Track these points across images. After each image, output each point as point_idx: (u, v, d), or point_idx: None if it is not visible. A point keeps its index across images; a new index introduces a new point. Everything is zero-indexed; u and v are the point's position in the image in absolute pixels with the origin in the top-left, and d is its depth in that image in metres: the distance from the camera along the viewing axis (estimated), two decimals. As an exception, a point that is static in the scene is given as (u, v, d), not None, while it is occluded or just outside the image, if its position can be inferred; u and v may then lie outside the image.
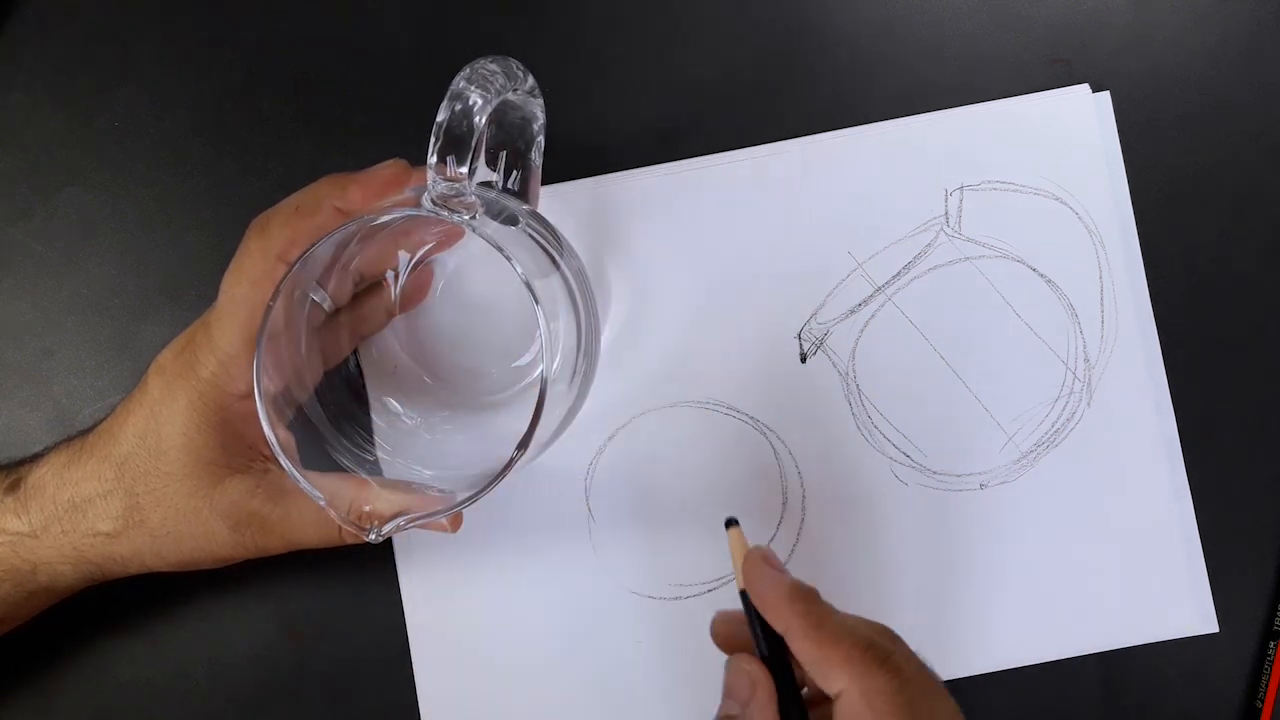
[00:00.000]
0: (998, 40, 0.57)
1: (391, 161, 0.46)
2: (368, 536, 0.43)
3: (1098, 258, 0.56)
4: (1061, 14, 0.57)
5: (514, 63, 0.43)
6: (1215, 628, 0.55)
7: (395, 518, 0.43)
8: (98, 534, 0.48)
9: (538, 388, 0.42)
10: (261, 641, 0.56)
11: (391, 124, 0.57)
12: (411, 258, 0.52)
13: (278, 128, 0.57)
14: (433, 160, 0.41)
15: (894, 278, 0.56)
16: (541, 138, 0.47)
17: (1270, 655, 0.54)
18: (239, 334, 0.45)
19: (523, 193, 0.48)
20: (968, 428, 0.55)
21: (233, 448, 0.47)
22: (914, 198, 0.56)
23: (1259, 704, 0.54)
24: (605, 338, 0.55)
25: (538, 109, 0.47)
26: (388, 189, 0.45)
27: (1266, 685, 0.54)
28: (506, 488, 0.42)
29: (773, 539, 0.55)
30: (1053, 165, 0.56)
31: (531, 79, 0.45)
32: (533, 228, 0.46)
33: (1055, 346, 0.55)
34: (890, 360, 0.55)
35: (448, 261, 0.53)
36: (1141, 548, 0.55)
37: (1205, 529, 0.55)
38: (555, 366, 0.44)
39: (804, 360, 0.56)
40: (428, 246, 0.52)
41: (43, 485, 0.48)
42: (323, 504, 0.43)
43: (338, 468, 0.46)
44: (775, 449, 0.55)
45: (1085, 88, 0.56)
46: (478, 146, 0.41)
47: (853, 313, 0.56)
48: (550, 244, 0.46)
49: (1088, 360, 0.55)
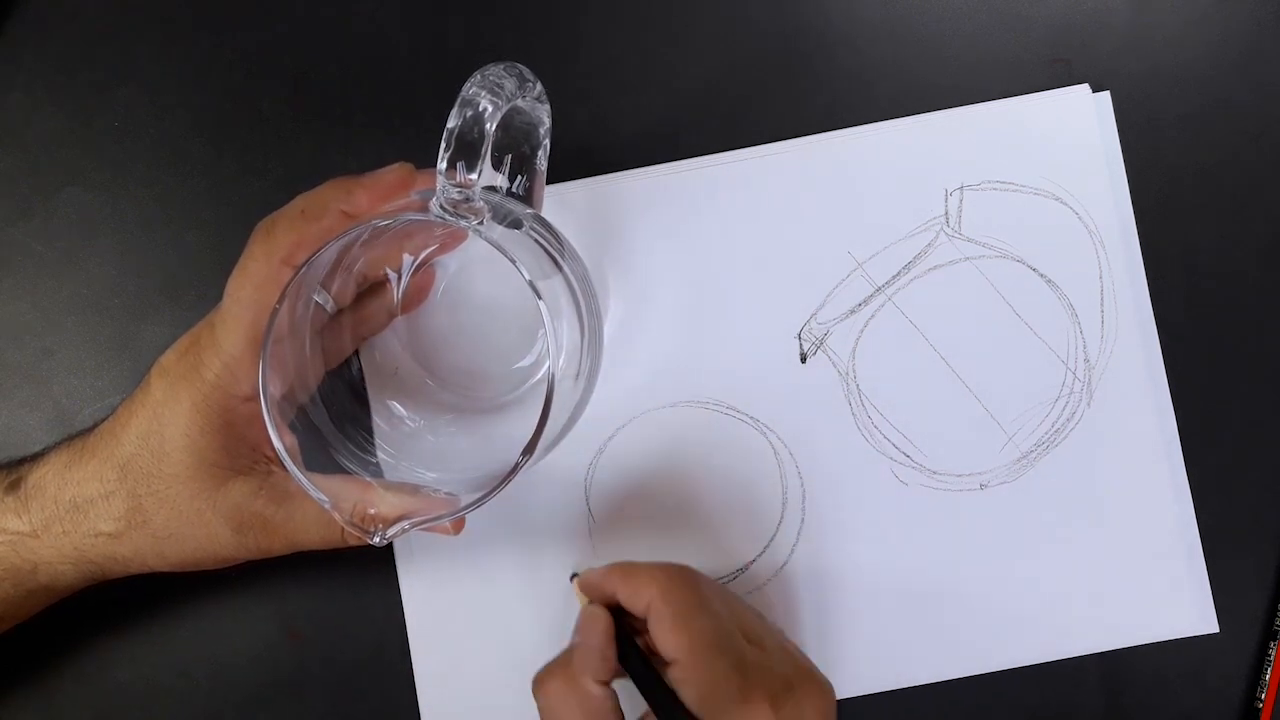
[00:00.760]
0: (998, 40, 0.57)
1: (397, 165, 0.46)
2: (371, 539, 0.43)
3: (1098, 258, 0.56)
4: (1061, 14, 0.57)
5: (524, 69, 0.43)
6: (1215, 628, 0.55)
7: (399, 521, 0.43)
8: (99, 534, 0.47)
9: (540, 390, 0.42)
10: (261, 641, 0.56)
11: (391, 124, 0.57)
12: (414, 260, 0.52)
13: (278, 128, 0.57)
14: (443, 166, 0.41)
15: (894, 278, 0.56)
16: (547, 142, 0.47)
17: (1270, 655, 0.55)
18: (243, 337, 0.45)
19: (527, 196, 0.48)
20: (968, 428, 0.55)
21: (236, 450, 0.47)
22: (914, 198, 0.56)
23: (1259, 704, 0.54)
24: (605, 338, 0.55)
25: (544, 114, 0.47)
26: (393, 192, 0.45)
27: (1266, 685, 0.54)
28: (508, 489, 0.42)
29: (773, 539, 0.55)
30: (1053, 165, 0.56)
31: (540, 85, 0.45)
32: (536, 231, 0.46)
33: (1055, 346, 0.55)
34: (890, 360, 0.56)
35: (449, 263, 0.53)
36: (1141, 548, 0.55)
37: (1205, 529, 0.55)
38: (560, 366, 0.44)
39: (804, 360, 0.56)
40: (430, 249, 0.52)
41: (43, 485, 0.48)
42: (327, 506, 0.43)
43: (340, 470, 0.46)
44: (775, 449, 0.55)
45: (1085, 88, 0.56)
46: (486, 152, 0.41)
47: (853, 313, 0.56)
48: (553, 246, 0.46)
49: (1088, 360, 0.55)
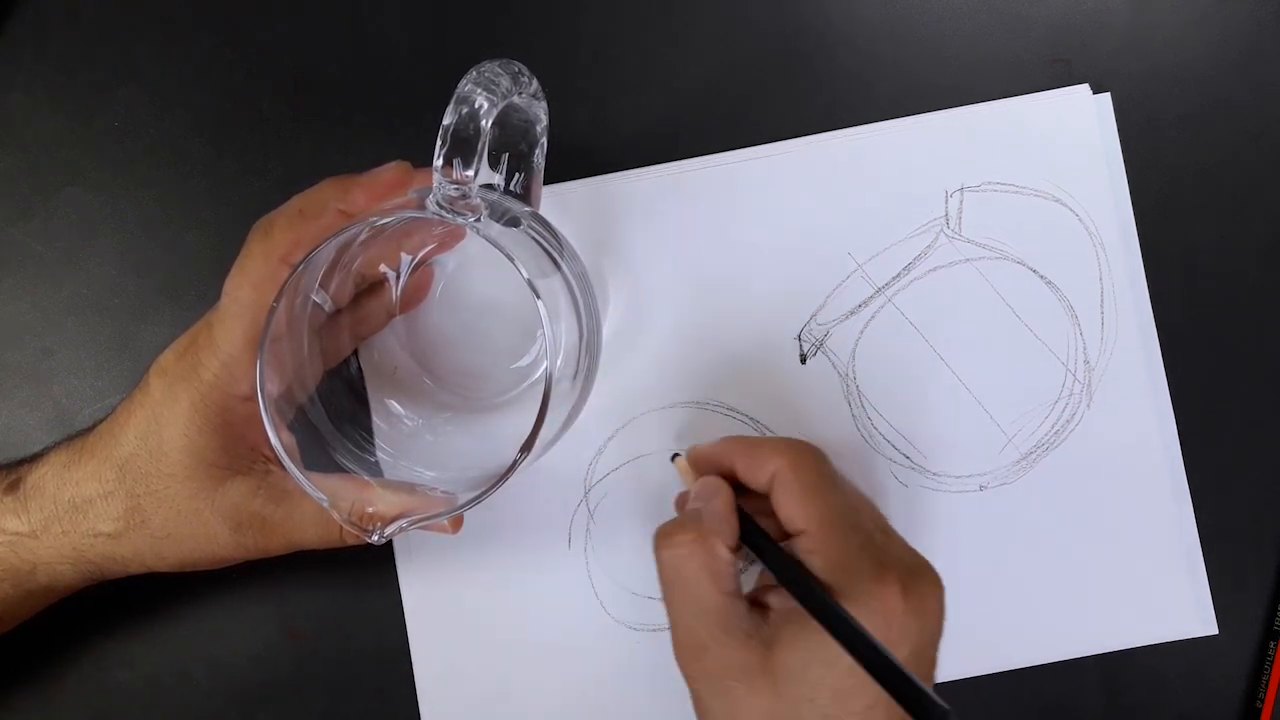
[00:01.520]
0: (998, 40, 0.57)
1: (395, 164, 0.46)
2: (370, 538, 0.43)
3: (1098, 259, 0.56)
4: (1061, 14, 0.57)
5: (519, 66, 0.43)
6: (1215, 630, 0.55)
7: (397, 519, 0.43)
8: (98, 534, 0.47)
9: (538, 389, 0.42)
10: (261, 641, 0.56)
11: (391, 124, 0.57)
12: (412, 259, 0.52)
13: (278, 128, 0.57)
14: (438, 164, 0.41)
15: (894, 279, 0.56)
16: (544, 140, 0.47)
17: (1270, 656, 0.55)
18: (242, 336, 0.45)
19: (525, 194, 0.48)
20: (967, 429, 0.55)
21: (234, 449, 0.47)
22: (914, 199, 0.56)
23: (1259, 704, 0.54)
24: (604, 337, 0.55)
25: (541, 112, 0.47)
26: (391, 191, 0.45)
27: (1266, 686, 0.54)
28: (507, 488, 0.42)
29: (773, 539, 0.55)
30: (1053, 166, 0.56)
31: (536, 82, 0.45)
32: (534, 229, 0.46)
33: (1055, 348, 0.55)
34: (890, 361, 0.56)
35: (448, 262, 0.53)
36: (1141, 549, 0.55)
37: (1205, 530, 0.55)
38: (558, 366, 0.44)
39: (804, 361, 0.56)
40: (429, 247, 0.52)
41: (43, 485, 0.48)
42: (326, 505, 0.43)
43: (339, 469, 0.46)
44: (775, 449, 0.55)
45: (1085, 88, 0.56)
46: (482, 149, 0.41)
47: (853, 314, 0.56)
48: (551, 245, 0.46)
49: (1088, 362, 0.55)
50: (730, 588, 0.45)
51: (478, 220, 0.41)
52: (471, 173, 0.41)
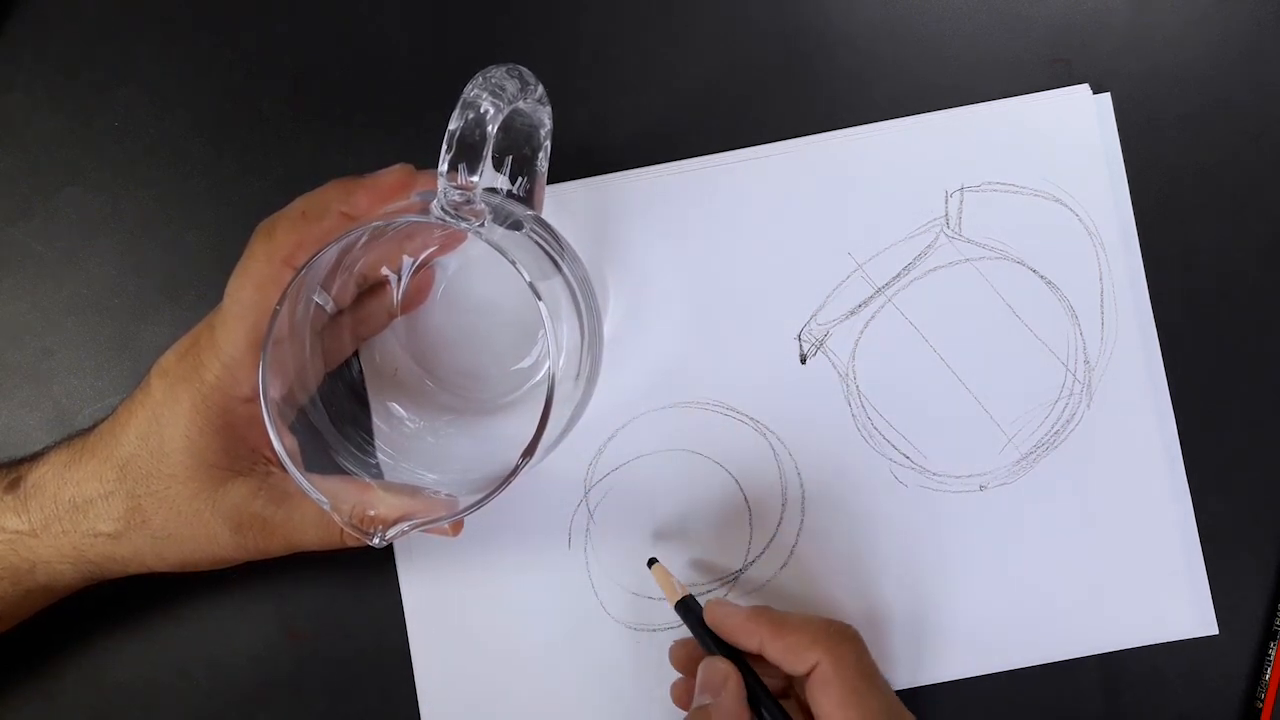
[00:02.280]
0: (998, 40, 0.57)
1: (398, 166, 0.46)
2: (371, 541, 0.43)
3: (1098, 259, 0.56)
4: (1061, 14, 0.57)
5: (525, 71, 0.43)
6: (1215, 630, 0.55)
7: (399, 522, 0.43)
8: (98, 534, 0.48)
9: (540, 391, 0.42)
10: (261, 641, 0.56)
11: (391, 124, 0.57)
12: (414, 260, 0.52)
13: (278, 128, 0.57)
14: (444, 169, 0.41)
15: (894, 279, 0.56)
16: (548, 144, 0.47)
17: (1270, 656, 0.55)
18: (244, 338, 0.45)
19: (528, 198, 0.48)
20: (968, 429, 0.55)
21: (235, 451, 0.47)
22: (914, 198, 0.56)
23: (1259, 704, 0.54)
24: (605, 338, 0.55)
25: (545, 116, 0.47)
26: (394, 194, 0.45)
27: (1266, 686, 0.54)
28: (507, 489, 0.42)
29: (773, 539, 0.55)
30: (1053, 166, 0.56)
31: (541, 87, 0.45)
32: (536, 232, 0.46)
33: (1055, 348, 0.55)
34: (890, 361, 0.56)
35: (449, 264, 0.53)
36: (1141, 549, 0.55)
37: (1205, 529, 0.55)
38: (560, 367, 0.44)
39: (804, 361, 0.56)
40: (430, 249, 0.52)
41: (43, 484, 0.48)
42: (327, 508, 0.43)
43: (340, 471, 0.46)
44: (775, 449, 0.55)
45: (1085, 88, 0.56)
46: (487, 155, 0.41)
47: (853, 314, 0.56)
48: (552, 247, 0.46)
49: (1088, 361, 0.55)
50: None
51: (481, 225, 0.41)
52: (476, 178, 0.41)
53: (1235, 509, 0.56)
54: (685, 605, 0.51)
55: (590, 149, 0.57)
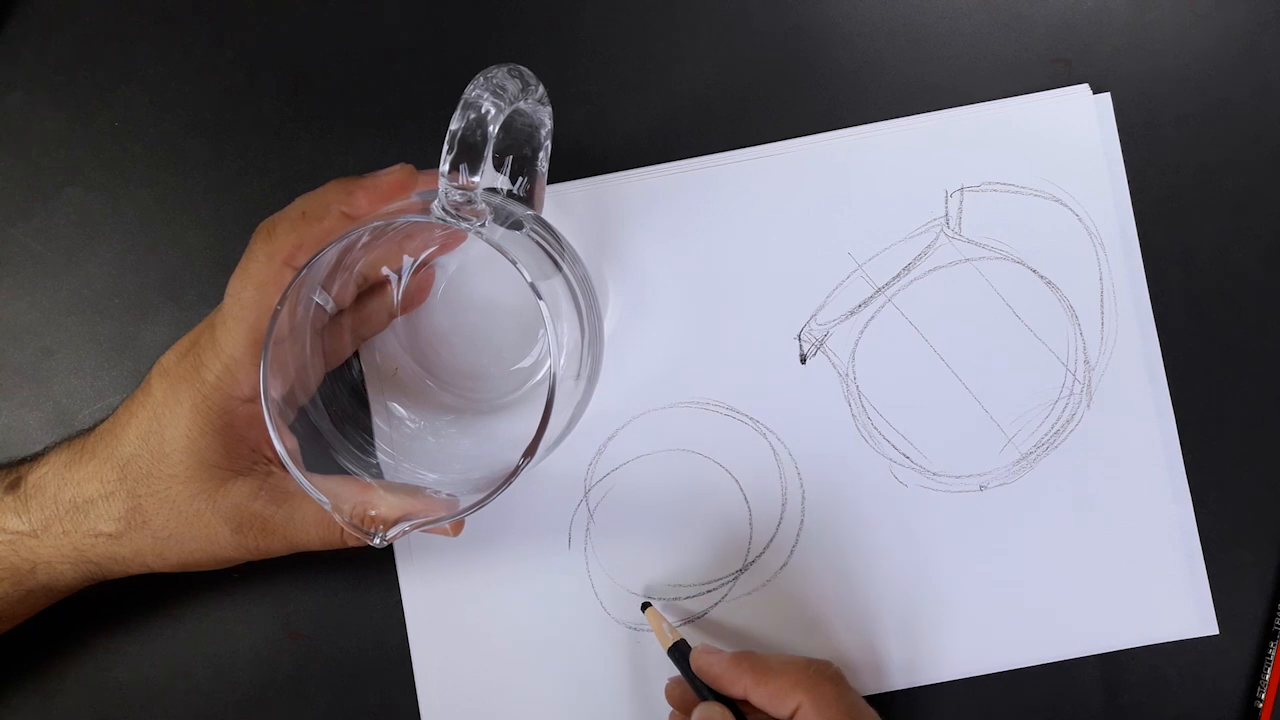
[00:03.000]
0: (998, 40, 0.57)
1: (398, 166, 0.46)
2: (372, 541, 0.43)
3: (1098, 259, 0.56)
4: (1061, 14, 0.57)
5: (526, 71, 0.43)
6: (1215, 630, 0.55)
7: (399, 522, 0.43)
8: (99, 534, 0.47)
9: (540, 391, 0.42)
10: (261, 641, 0.56)
11: (391, 124, 0.57)
12: (414, 260, 0.52)
13: (278, 128, 0.57)
14: (445, 169, 0.41)
15: (894, 279, 0.56)
16: (549, 144, 0.47)
17: (1270, 655, 0.55)
18: (245, 338, 0.45)
19: (528, 198, 0.48)
20: (967, 429, 0.55)
21: (236, 451, 0.47)
22: (914, 199, 0.56)
23: (1259, 704, 0.55)
24: (605, 338, 0.55)
25: (546, 116, 0.47)
26: (394, 194, 0.45)
27: (1266, 686, 0.54)
28: (508, 489, 0.42)
29: (772, 539, 0.55)
30: (1053, 166, 0.56)
31: (542, 88, 0.45)
32: (537, 233, 0.46)
33: (1055, 348, 0.55)
34: (890, 361, 0.56)
35: (449, 264, 0.53)
36: (1141, 549, 0.55)
37: (1205, 530, 0.55)
38: (561, 367, 0.44)
39: (804, 361, 0.56)
40: (430, 249, 0.52)
41: (43, 485, 0.48)
42: (328, 508, 0.43)
43: (341, 471, 0.46)
44: (775, 449, 0.55)
45: (1085, 88, 0.56)
46: (488, 155, 0.41)
47: (853, 314, 0.56)
48: (553, 247, 0.46)
49: (1088, 362, 0.55)
50: None
51: (482, 225, 0.41)
52: (477, 178, 0.41)
53: (1235, 509, 0.56)
54: (678, 650, 0.52)
55: (590, 149, 0.57)
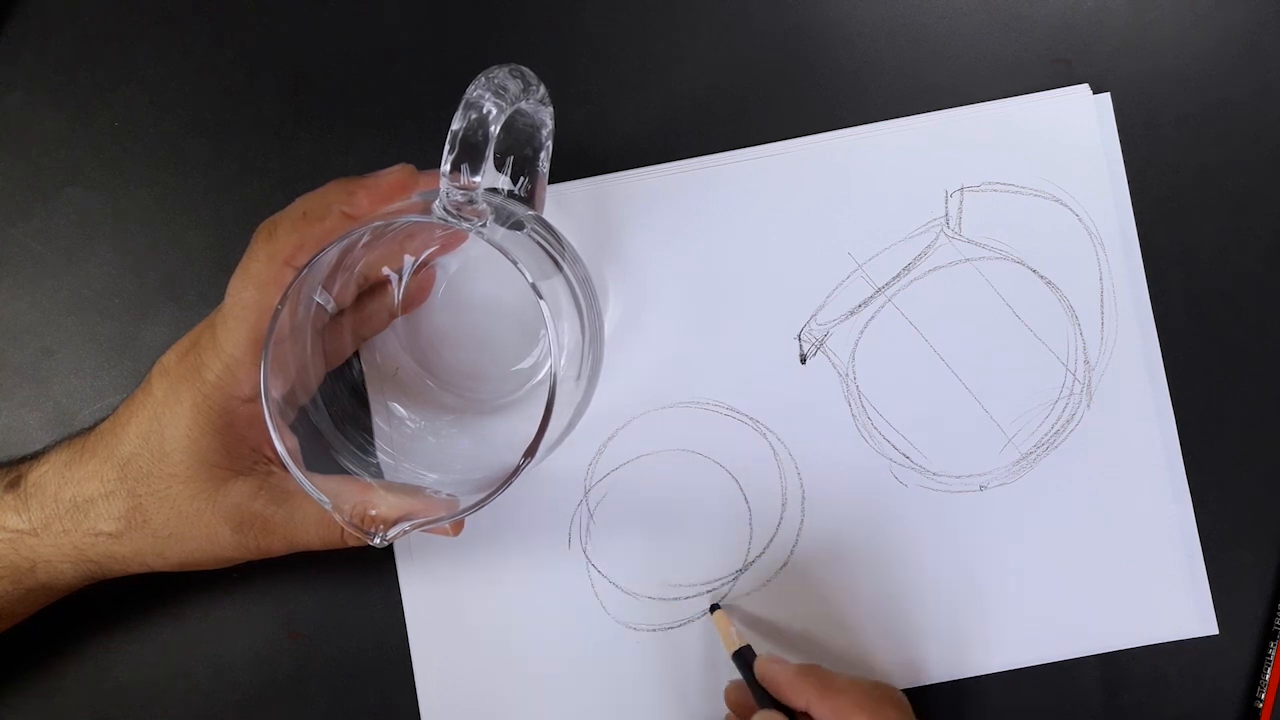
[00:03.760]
0: (998, 40, 0.57)
1: (399, 166, 0.46)
2: (372, 540, 0.43)
3: (1098, 259, 0.56)
4: (1061, 14, 0.57)
5: (527, 71, 0.43)
6: (1215, 629, 0.55)
7: (400, 522, 0.43)
8: (99, 534, 0.47)
9: (540, 391, 0.42)
10: (261, 641, 0.56)
11: (391, 124, 0.57)
12: (415, 260, 0.52)
13: (278, 128, 0.57)
14: (446, 169, 0.41)
15: (894, 279, 0.56)
16: (550, 144, 0.47)
17: (1270, 655, 0.55)
18: (245, 338, 0.45)
19: (529, 198, 0.48)
20: (967, 429, 0.55)
21: (236, 450, 0.47)
22: (914, 199, 0.56)
23: (1259, 704, 0.55)
24: (605, 338, 0.55)
25: (547, 116, 0.47)
26: (395, 194, 0.45)
27: (1266, 686, 0.54)
28: (508, 489, 0.42)
29: (772, 539, 0.55)
30: (1053, 166, 0.56)
31: (543, 88, 0.45)
32: (538, 233, 0.46)
33: (1055, 348, 0.55)
34: (890, 361, 0.56)
35: (450, 264, 0.53)
36: (1141, 549, 0.55)
37: (1205, 530, 0.55)
38: (562, 367, 0.44)
39: (804, 361, 0.56)
40: (431, 249, 0.52)
41: (43, 484, 0.48)
42: (328, 508, 0.43)
43: (341, 470, 0.46)
44: (775, 449, 0.55)
45: (1085, 88, 0.56)
46: (489, 155, 0.41)
47: (853, 314, 0.56)
48: (553, 247, 0.46)
49: (1088, 362, 0.55)
50: None
51: (483, 225, 0.41)
52: (478, 178, 0.41)
53: (1235, 509, 0.56)
54: (741, 656, 0.52)
55: (590, 149, 0.57)
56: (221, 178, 0.57)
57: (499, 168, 0.47)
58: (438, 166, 0.41)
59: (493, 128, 0.41)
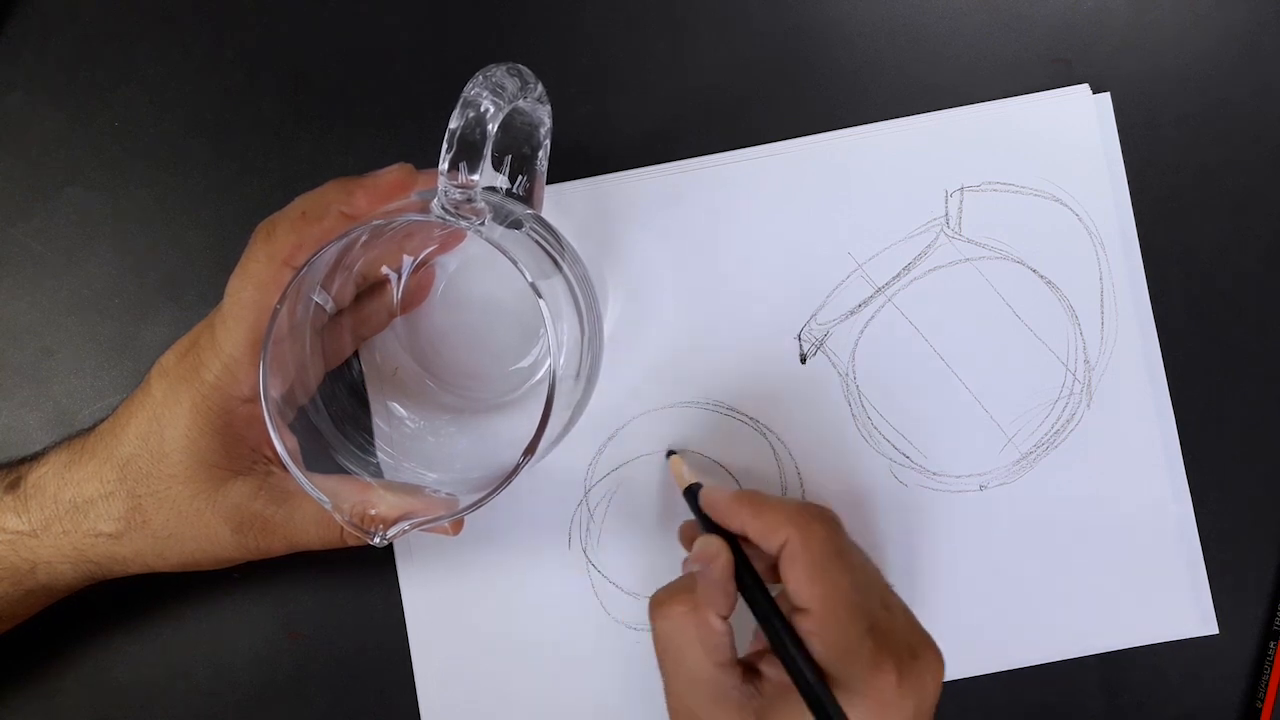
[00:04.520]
0: (998, 40, 0.57)
1: (397, 166, 0.46)
2: (372, 540, 0.43)
3: (1098, 259, 0.56)
4: (1061, 14, 0.57)
5: (525, 70, 0.43)
6: (1215, 629, 0.55)
7: (399, 521, 0.43)
8: (99, 534, 0.47)
9: (540, 391, 0.42)
10: (261, 641, 0.56)
11: (391, 124, 0.57)
12: (414, 260, 0.52)
13: (278, 128, 0.57)
14: (444, 167, 0.41)
15: (894, 279, 0.56)
16: (548, 143, 0.47)
17: (1270, 655, 0.55)
18: (244, 338, 0.45)
19: (527, 197, 0.48)
20: (967, 429, 0.55)
21: (235, 450, 0.47)
22: (914, 198, 0.56)
23: (1259, 704, 0.55)
24: (605, 338, 0.55)
25: (545, 115, 0.47)
26: (394, 193, 0.45)
27: (1266, 685, 0.54)
28: (507, 489, 0.42)
29: (773, 539, 0.55)
30: (1053, 166, 0.56)
31: (541, 86, 0.45)
32: (536, 232, 0.46)
33: (1055, 348, 0.55)
34: (890, 361, 0.56)
35: (449, 263, 0.53)
36: (1141, 549, 0.55)
37: (1205, 530, 0.55)
38: (561, 366, 0.44)
39: (804, 361, 0.56)
40: (430, 248, 0.52)
41: (43, 485, 0.48)
42: (328, 507, 0.43)
43: (340, 470, 0.46)
44: (775, 449, 0.55)
45: (1085, 88, 0.56)
46: (487, 154, 0.41)
47: (853, 314, 0.56)
48: (552, 246, 0.46)
49: (1088, 362, 0.55)
50: (723, 658, 0.45)
51: (482, 224, 0.41)
52: (476, 177, 0.41)
53: (1235, 509, 0.56)
54: (690, 493, 0.51)
55: (590, 149, 0.57)
56: (221, 178, 0.57)
57: (497, 166, 0.47)
58: (436, 166, 0.41)
59: (490, 126, 0.41)
